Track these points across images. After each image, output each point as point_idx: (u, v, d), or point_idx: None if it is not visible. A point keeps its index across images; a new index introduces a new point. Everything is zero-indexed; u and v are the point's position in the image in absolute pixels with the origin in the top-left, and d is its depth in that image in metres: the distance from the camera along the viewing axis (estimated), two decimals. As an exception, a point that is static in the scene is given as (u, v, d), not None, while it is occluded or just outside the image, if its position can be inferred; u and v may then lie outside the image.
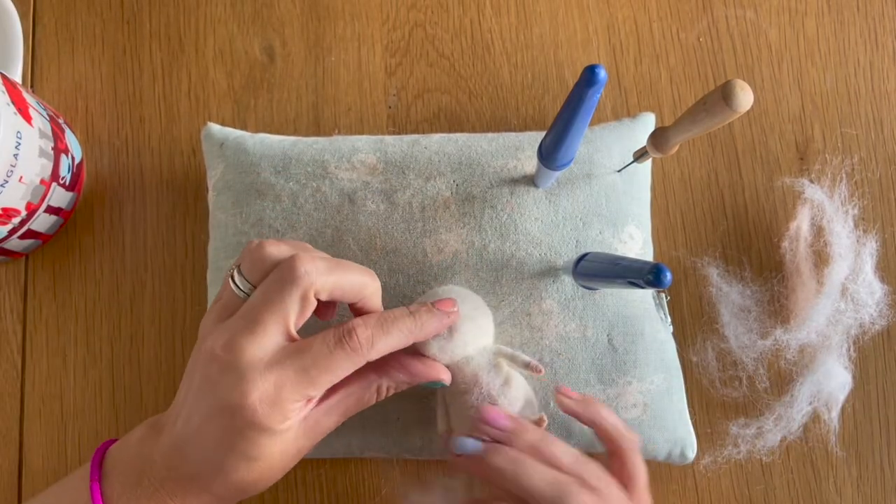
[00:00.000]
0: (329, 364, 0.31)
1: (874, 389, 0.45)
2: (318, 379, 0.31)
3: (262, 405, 0.30)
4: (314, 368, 0.31)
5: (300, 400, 0.31)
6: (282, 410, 0.30)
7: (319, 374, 0.31)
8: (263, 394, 0.30)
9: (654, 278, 0.29)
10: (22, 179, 0.40)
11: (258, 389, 0.30)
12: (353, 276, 0.33)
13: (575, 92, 0.28)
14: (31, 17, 0.50)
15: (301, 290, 0.31)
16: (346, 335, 0.31)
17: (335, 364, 0.31)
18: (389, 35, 0.50)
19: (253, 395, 0.30)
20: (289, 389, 0.30)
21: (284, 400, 0.30)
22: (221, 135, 0.44)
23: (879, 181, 0.47)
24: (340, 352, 0.31)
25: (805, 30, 0.49)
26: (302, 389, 0.30)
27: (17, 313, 0.46)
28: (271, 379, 0.30)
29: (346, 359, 0.31)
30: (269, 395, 0.30)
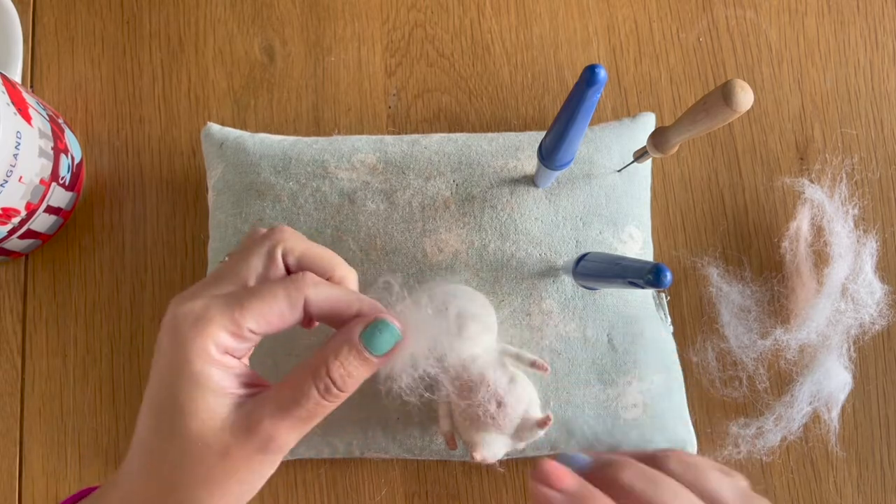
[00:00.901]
0: (262, 289, 0.28)
1: (874, 389, 0.45)
2: (247, 302, 0.27)
3: (184, 323, 0.26)
4: (246, 293, 0.27)
5: (227, 326, 0.27)
6: (205, 333, 0.26)
7: (248, 297, 0.27)
8: (188, 310, 0.27)
9: (654, 278, 0.29)
10: (22, 179, 0.40)
11: (183, 308, 0.27)
12: (327, 252, 0.30)
13: (575, 92, 0.28)
14: (31, 17, 0.50)
15: (268, 245, 0.29)
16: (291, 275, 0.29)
17: (268, 289, 0.28)
18: (389, 35, 0.50)
19: (178, 314, 0.27)
20: (215, 310, 0.27)
21: (208, 320, 0.26)
22: (221, 135, 0.44)
23: (879, 181, 0.47)
24: (277, 283, 0.28)
25: (805, 30, 0.49)
26: (229, 311, 0.27)
27: (17, 313, 0.46)
28: (199, 302, 0.27)
29: (281, 286, 0.28)
30: (193, 313, 0.27)
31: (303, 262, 0.30)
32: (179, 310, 0.27)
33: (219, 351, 0.27)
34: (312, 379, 0.27)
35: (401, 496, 0.44)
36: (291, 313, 0.28)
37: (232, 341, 0.27)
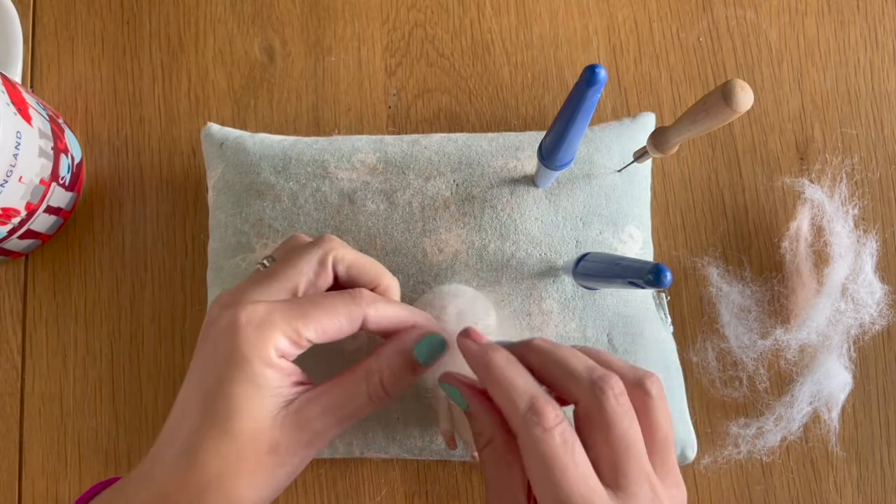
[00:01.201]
0: (324, 301, 0.29)
1: (874, 389, 0.45)
2: (311, 312, 0.29)
3: (248, 326, 0.28)
4: (308, 303, 0.29)
5: (289, 333, 0.29)
6: (267, 338, 0.28)
7: (313, 309, 0.29)
8: (251, 314, 0.28)
9: (654, 278, 0.29)
10: (21, 179, 0.40)
11: (246, 312, 0.28)
12: (373, 263, 0.33)
13: (575, 92, 0.28)
14: (31, 17, 0.50)
15: (319, 254, 0.31)
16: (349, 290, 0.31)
17: (330, 303, 0.29)
18: (389, 35, 0.50)
19: (241, 316, 0.28)
20: (278, 316, 0.28)
21: (272, 325, 0.28)
22: (221, 135, 0.44)
23: (879, 181, 0.47)
24: (338, 298, 0.30)
25: (805, 30, 0.49)
26: (292, 320, 0.28)
27: (17, 313, 0.46)
28: (262, 306, 0.29)
29: (342, 302, 0.30)
30: (256, 316, 0.28)
31: (351, 272, 0.32)
32: (242, 312, 0.28)
33: (277, 355, 0.28)
34: (365, 383, 0.30)
35: (401, 496, 0.44)
36: (349, 328, 0.30)
37: (290, 348, 0.29)
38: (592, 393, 0.28)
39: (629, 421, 0.28)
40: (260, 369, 0.28)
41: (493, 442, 0.30)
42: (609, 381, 0.28)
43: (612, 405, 0.28)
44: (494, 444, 0.30)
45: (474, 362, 0.30)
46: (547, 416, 0.27)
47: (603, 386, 0.28)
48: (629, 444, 0.28)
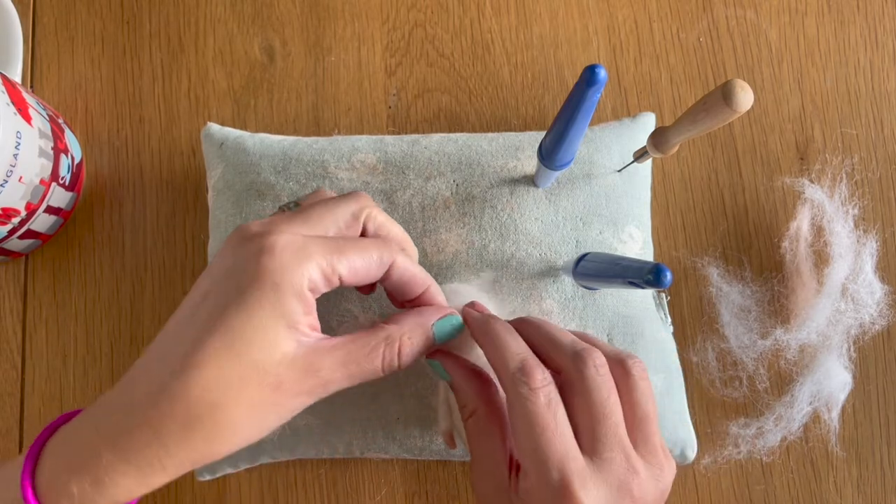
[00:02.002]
0: (358, 241, 0.30)
1: (874, 389, 0.45)
2: (346, 250, 0.29)
3: (285, 251, 0.27)
4: (344, 242, 0.29)
5: (323, 266, 0.28)
6: (303, 266, 0.27)
7: (348, 245, 0.29)
8: (288, 241, 0.28)
9: (654, 278, 0.29)
10: (21, 179, 0.40)
11: (283, 238, 0.28)
12: (399, 228, 0.34)
13: (575, 92, 0.28)
14: (31, 17, 0.50)
15: (355, 207, 0.31)
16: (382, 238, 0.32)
17: (363, 243, 0.30)
18: (389, 35, 0.50)
19: (278, 241, 0.27)
20: (315, 248, 0.28)
21: (309, 255, 0.27)
22: (221, 135, 0.44)
23: (879, 181, 0.47)
24: (370, 241, 0.30)
25: (805, 30, 0.49)
26: (328, 254, 0.28)
27: (17, 313, 0.46)
28: (299, 237, 0.28)
29: (375, 244, 0.30)
30: (294, 244, 0.28)
31: (380, 231, 0.32)
32: (280, 237, 0.28)
33: (308, 287, 0.28)
34: (384, 346, 0.30)
35: (401, 496, 0.44)
36: (377, 271, 0.30)
37: (321, 282, 0.28)
38: (574, 362, 0.30)
39: (607, 391, 0.30)
40: (287, 298, 0.27)
41: (475, 413, 0.32)
42: (590, 353, 0.30)
43: (592, 374, 0.29)
44: (477, 415, 0.32)
45: (475, 325, 0.32)
46: (534, 376, 0.29)
47: (584, 356, 0.30)
48: (606, 412, 0.29)
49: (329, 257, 0.28)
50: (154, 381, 0.27)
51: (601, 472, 0.28)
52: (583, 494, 0.27)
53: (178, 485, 0.44)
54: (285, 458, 0.41)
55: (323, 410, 0.40)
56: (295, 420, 0.40)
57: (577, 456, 0.28)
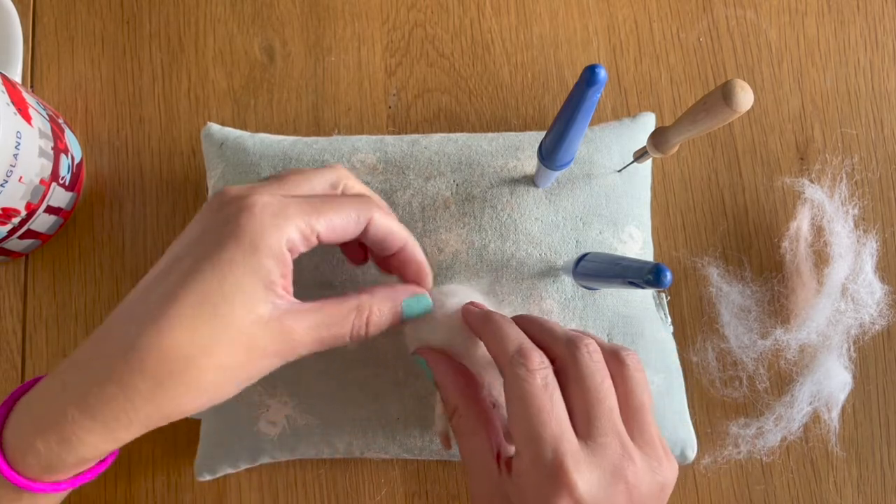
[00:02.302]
0: (335, 200, 0.30)
1: (874, 389, 0.45)
2: (324, 208, 0.29)
3: (264, 212, 0.27)
4: (321, 201, 0.29)
5: (301, 226, 0.28)
6: (281, 227, 0.27)
7: (325, 204, 0.29)
8: (267, 201, 0.28)
9: (654, 278, 0.29)
10: (21, 179, 0.40)
11: (262, 199, 0.28)
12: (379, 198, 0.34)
13: (575, 92, 0.28)
14: (31, 17, 0.50)
15: (332, 177, 0.32)
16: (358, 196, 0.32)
17: (340, 201, 0.30)
18: (389, 35, 0.50)
19: (257, 201, 0.28)
20: (293, 209, 0.28)
21: (287, 216, 0.28)
22: (221, 135, 0.44)
23: (879, 181, 0.47)
24: (347, 199, 0.31)
25: (805, 30, 0.49)
26: (305, 215, 0.28)
27: (17, 313, 0.46)
28: (277, 198, 0.28)
29: (352, 202, 0.30)
30: (272, 205, 0.28)
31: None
32: (259, 198, 0.28)
33: (286, 246, 0.28)
34: (356, 313, 0.30)
35: (401, 496, 0.44)
36: (356, 228, 0.30)
37: (300, 241, 0.28)
38: (568, 348, 0.30)
39: (601, 376, 0.30)
40: (265, 258, 0.27)
41: (457, 410, 0.32)
42: (583, 339, 0.31)
43: (585, 359, 0.30)
44: (458, 413, 0.32)
45: (475, 318, 0.33)
46: (532, 359, 0.30)
47: (577, 342, 0.31)
48: (600, 397, 0.29)
49: (307, 217, 0.28)
50: (123, 337, 0.26)
51: (595, 455, 0.28)
52: (576, 475, 0.27)
53: (178, 485, 0.44)
54: (285, 458, 0.41)
55: (323, 410, 0.40)
56: (295, 420, 0.40)
57: (572, 438, 0.28)
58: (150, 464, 0.44)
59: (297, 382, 0.40)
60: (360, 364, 0.40)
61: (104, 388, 0.26)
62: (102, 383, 0.26)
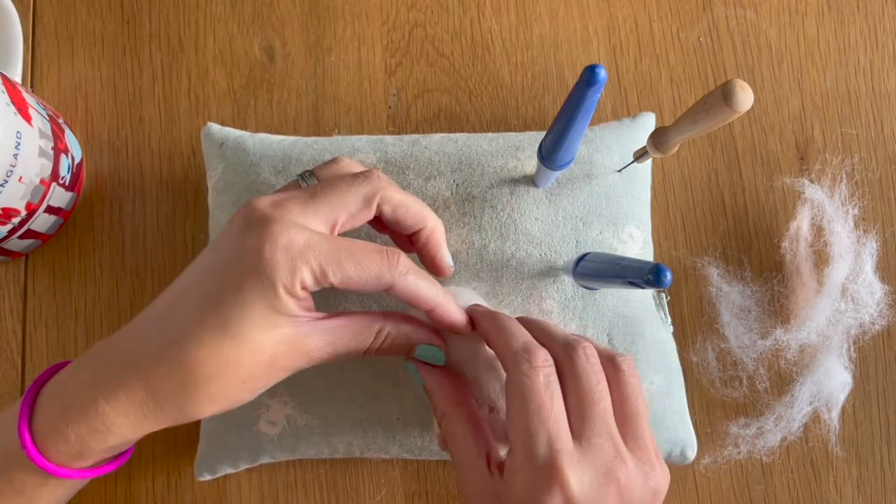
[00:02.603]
0: (360, 257, 0.30)
1: (874, 389, 0.45)
2: (344, 262, 0.29)
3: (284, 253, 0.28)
4: (346, 252, 0.30)
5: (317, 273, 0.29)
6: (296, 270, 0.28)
7: (348, 258, 0.30)
8: (289, 240, 0.29)
9: (654, 278, 0.29)
10: (22, 179, 0.40)
11: (286, 235, 0.29)
12: (420, 207, 0.34)
13: (575, 92, 0.28)
14: (31, 17, 0.50)
15: (367, 190, 0.31)
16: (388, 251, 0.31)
17: (365, 260, 0.30)
18: (389, 35, 0.50)
19: (280, 238, 0.28)
20: (313, 253, 0.29)
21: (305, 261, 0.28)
22: (221, 135, 0.44)
23: (879, 181, 0.47)
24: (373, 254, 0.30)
25: (805, 30, 0.49)
26: (325, 262, 0.29)
27: (17, 313, 0.46)
28: (301, 236, 0.29)
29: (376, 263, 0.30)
30: (294, 245, 0.29)
31: (398, 213, 0.33)
32: (283, 234, 0.29)
33: (301, 287, 0.29)
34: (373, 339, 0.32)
35: (401, 496, 0.44)
36: (374, 287, 0.31)
37: (312, 284, 0.29)
38: (565, 350, 0.31)
39: (596, 378, 0.30)
40: (281, 295, 0.28)
41: (445, 415, 0.33)
42: (581, 342, 0.31)
43: (582, 361, 0.31)
44: (447, 418, 0.33)
45: (481, 318, 0.33)
46: (537, 356, 0.30)
47: (574, 344, 0.31)
48: (595, 398, 0.30)
49: (325, 266, 0.29)
50: (153, 344, 0.29)
51: (588, 455, 0.29)
52: (569, 473, 0.28)
53: (178, 485, 0.44)
54: (285, 458, 0.41)
55: (323, 410, 0.40)
56: (295, 420, 0.40)
57: (568, 438, 0.29)
58: (150, 464, 0.44)
59: (297, 382, 0.40)
60: (360, 364, 0.39)
61: (134, 390, 0.29)
62: (133, 385, 0.29)
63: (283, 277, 0.28)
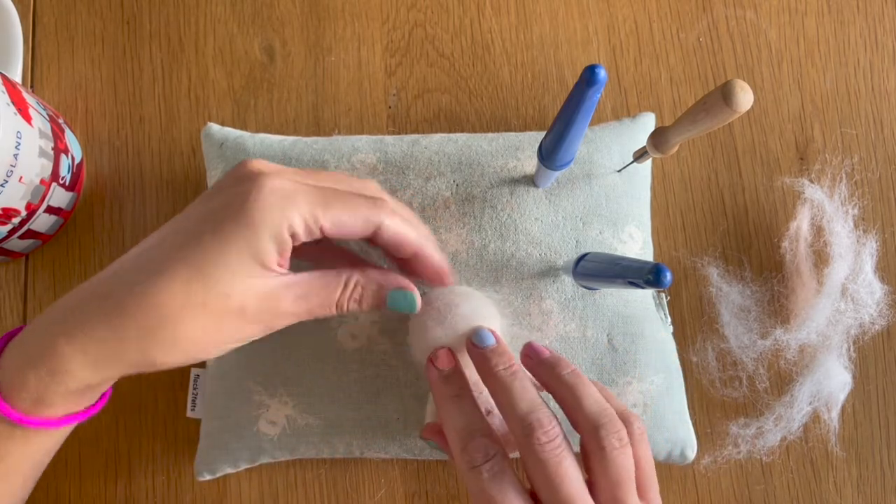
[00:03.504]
0: (348, 199, 0.30)
1: (874, 389, 0.45)
2: (333, 204, 0.29)
3: (271, 194, 0.28)
4: (333, 196, 0.30)
5: (307, 216, 0.29)
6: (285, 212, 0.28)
7: (336, 200, 0.30)
8: (278, 184, 0.29)
9: (654, 278, 0.29)
10: (22, 179, 0.40)
11: (274, 181, 0.29)
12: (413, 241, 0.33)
13: (575, 92, 0.28)
14: (31, 17, 0.50)
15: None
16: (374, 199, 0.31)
17: (353, 202, 0.30)
18: (389, 35, 0.50)
19: (267, 183, 0.28)
20: (302, 197, 0.29)
21: (294, 203, 0.28)
22: (221, 135, 0.44)
23: (879, 181, 0.47)
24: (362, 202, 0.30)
25: (805, 30, 0.49)
26: (315, 205, 0.29)
27: (17, 313, 0.46)
28: (290, 183, 0.29)
29: (365, 205, 0.30)
30: (283, 189, 0.29)
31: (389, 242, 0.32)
32: (271, 180, 0.29)
33: (287, 233, 0.29)
34: (343, 288, 0.32)
35: (401, 496, 0.44)
36: (363, 229, 0.31)
37: (302, 230, 0.29)
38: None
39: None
40: (263, 239, 0.28)
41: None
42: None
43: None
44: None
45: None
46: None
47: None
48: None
49: (314, 208, 0.29)
50: (121, 284, 0.28)
51: None
52: None
53: (178, 485, 0.44)
54: (285, 458, 0.41)
55: (323, 410, 0.40)
56: (295, 420, 0.40)
57: None
58: (150, 463, 0.44)
59: (298, 382, 0.40)
60: (360, 364, 0.40)
61: (95, 329, 0.28)
62: (94, 324, 0.28)
63: (271, 221, 0.28)
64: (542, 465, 0.29)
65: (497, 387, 0.32)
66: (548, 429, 0.30)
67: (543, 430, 0.30)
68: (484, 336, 0.33)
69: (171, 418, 0.45)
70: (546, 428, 0.30)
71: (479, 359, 0.33)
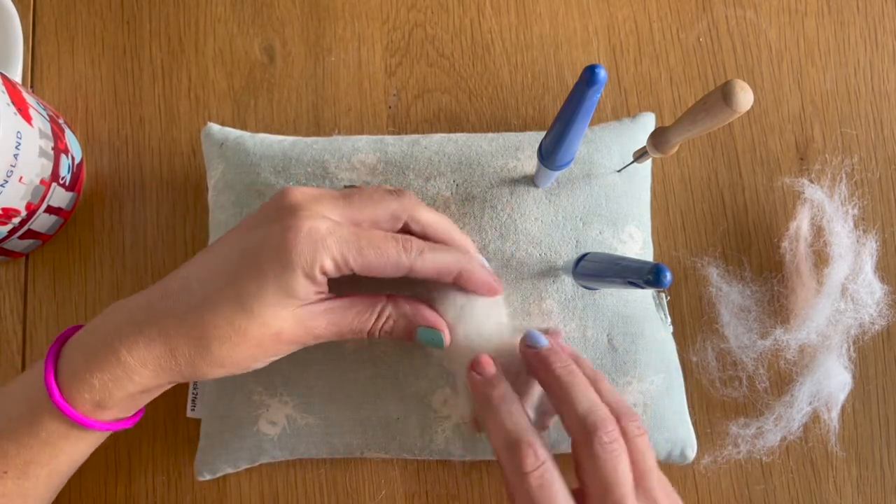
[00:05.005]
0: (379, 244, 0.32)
1: (874, 389, 0.45)
2: (365, 250, 0.31)
3: (306, 239, 0.30)
4: (366, 241, 0.32)
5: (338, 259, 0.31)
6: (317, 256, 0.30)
7: (368, 246, 0.32)
8: (313, 227, 0.31)
9: (654, 278, 0.29)
10: (22, 179, 0.40)
11: (310, 222, 0.31)
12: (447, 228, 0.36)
13: (575, 92, 0.28)
14: (31, 17, 0.50)
15: (399, 206, 0.34)
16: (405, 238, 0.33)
17: (384, 247, 0.32)
18: (389, 35, 0.50)
19: (304, 225, 0.31)
20: (334, 240, 0.31)
21: (326, 248, 0.31)
22: (221, 135, 0.44)
23: (879, 181, 0.47)
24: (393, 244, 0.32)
25: (805, 30, 0.49)
26: (346, 249, 0.31)
27: (17, 313, 0.46)
28: (325, 225, 0.31)
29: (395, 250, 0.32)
30: (317, 232, 0.31)
31: (426, 232, 0.34)
32: (307, 221, 0.31)
33: (319, 273, 0.31)
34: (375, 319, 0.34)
35: (401, 496, 0.44)
36: (392, 273, 0.33)
37: (333, 270, 0.31)
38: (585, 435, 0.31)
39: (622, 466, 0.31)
40: (298, 278, 0.31)
41: None
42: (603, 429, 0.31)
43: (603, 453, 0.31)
44: None
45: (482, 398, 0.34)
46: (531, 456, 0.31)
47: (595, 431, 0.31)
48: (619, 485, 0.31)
49: (346, 252, 0.31)
50: (177, 306, 0.32)
51: None
52: None
53: (178, 485, 0.44)
54: (285, 458, 0.41)
55: (323, 410, 0.40)
56: (295, 420, 0.40)
57: None
58: (150, 464, 0.44)
59: (298, 382, 0.40)
60: (360, 364, 0.40)
61: (154, 343, 0.31)
62: (153, 338, 0.31)
63: (304, 263, 0.30)
64: (602, 463, 0.30)
65: (556, 385, 0.33)
66: (609, 429, 0.31)
67: (606, 430, 0.31)
68: (537, 337, 0.35)
69: (171, 418, 0.45)
70: (609, 428, 0.31)
71: (534, 359, 0.35)
